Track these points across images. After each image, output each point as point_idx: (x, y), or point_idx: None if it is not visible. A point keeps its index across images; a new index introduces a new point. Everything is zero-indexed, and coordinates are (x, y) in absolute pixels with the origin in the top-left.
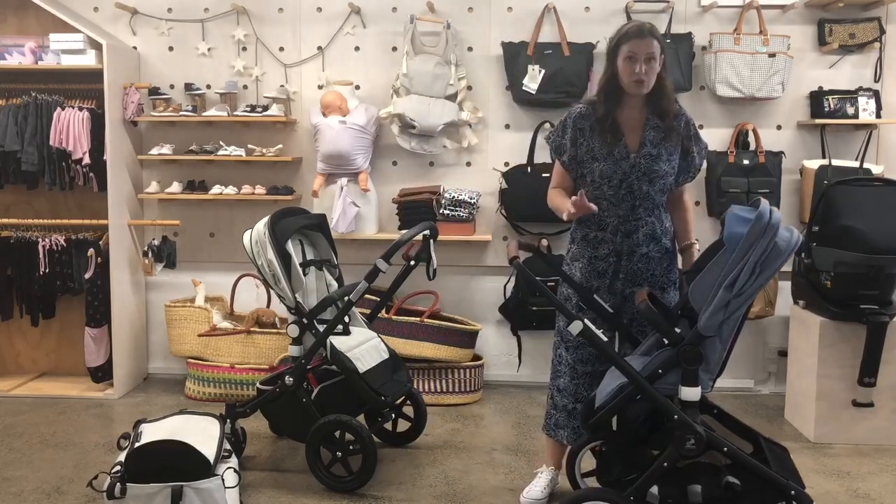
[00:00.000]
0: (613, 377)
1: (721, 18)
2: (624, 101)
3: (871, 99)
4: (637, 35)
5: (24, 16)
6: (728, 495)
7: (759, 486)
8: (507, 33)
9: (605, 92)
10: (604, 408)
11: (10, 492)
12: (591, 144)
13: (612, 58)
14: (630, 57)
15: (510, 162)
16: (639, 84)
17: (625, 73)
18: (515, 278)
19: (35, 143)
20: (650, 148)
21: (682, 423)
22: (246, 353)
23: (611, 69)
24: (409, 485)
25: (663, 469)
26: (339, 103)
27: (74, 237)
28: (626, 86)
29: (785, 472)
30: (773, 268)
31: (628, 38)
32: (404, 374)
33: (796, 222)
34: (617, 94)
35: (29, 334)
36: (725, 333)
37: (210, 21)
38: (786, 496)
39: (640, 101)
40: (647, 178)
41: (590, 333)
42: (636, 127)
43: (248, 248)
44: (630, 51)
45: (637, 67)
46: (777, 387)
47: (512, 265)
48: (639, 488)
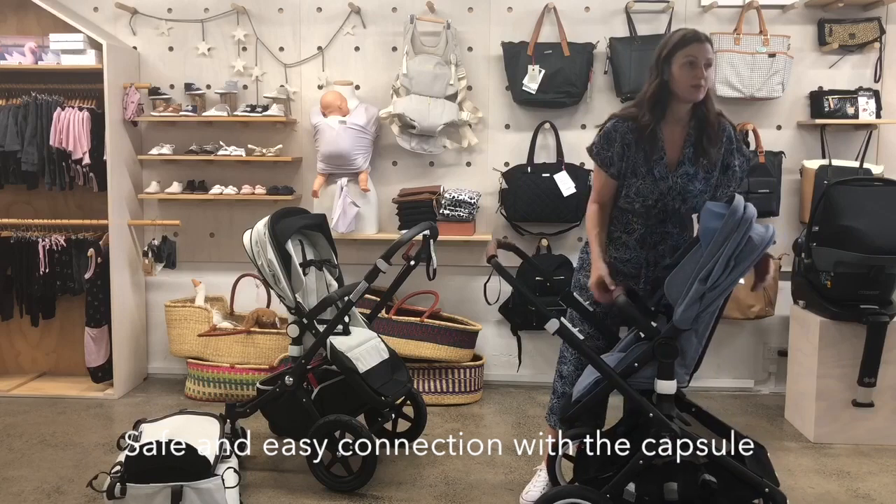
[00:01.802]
0: (591, 371)
1: (721, 18)
2: (669, 112)
3: (871, 99)
4: (696, 40)
5: (24, 16)
6: (704, 493)
7: (735, 484)
8: (507, 33)
9: (652, 101)
10: (580, 401)
11: (10, 492)
12: (635, 160)
13: (663, 65)
14: (690, 62)
15: (510, 162)
16: (696, 89)
17: (683, 79)
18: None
19: (35, 143)
20: (688, 166)
21: (658, 420)
22: (246, 353)
23: (660, 77)
24: (409, 485)
25: (640, 467)
26: (339, 103)
27: (74, 237)
28: (681, 92)
29: (760, 469)
30: (747, 262)
31: (687, 42)
32: (404, 374)
33: (796, 222)
34: (664, 104)
35: (29, 334)
36: (701, 328)
37: (210, 21)
38: (760, 493)
39: (685, 114)
40: (682, 197)
41: (566, 331)
42: (676, 142)
43: (248, 248)
44: (691, 55)
45: (698, 72)
46: (777, 387)
47: (490, 264)
48: (615, 486)
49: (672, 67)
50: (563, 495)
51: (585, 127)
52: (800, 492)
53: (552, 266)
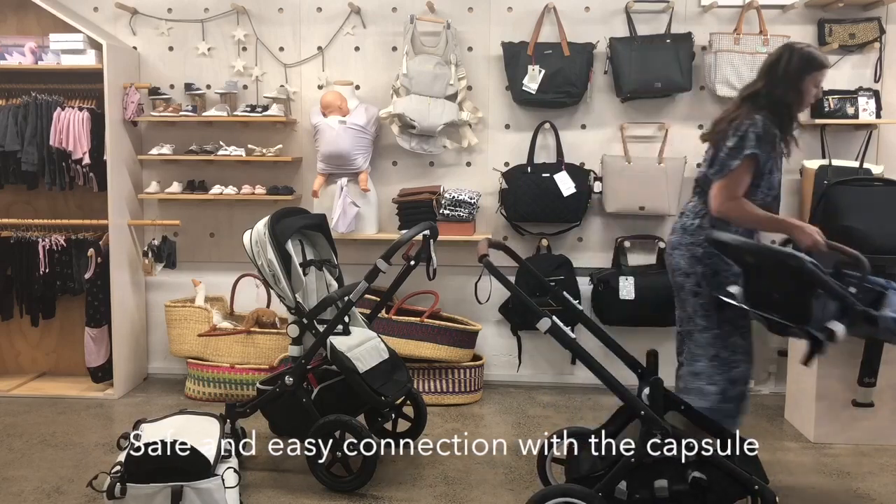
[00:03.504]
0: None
1: (721, 18)
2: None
3: (871, 99)
4: (826, 66)
5: (24, 16)
6: (694, 490)
7: (724, 481)
8: (507, 33)
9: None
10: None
11: (10, 492)
12: (775, 157)
13: (797, 77)
14: (818, 82)
15: (510, 162)
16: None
17: (809, 96)
18: (514, 278)
19: (35, 143)
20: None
21: (649, 418)
22: (246, 353)
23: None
24: (409, 485)
25: (631, 465)
26: (339, 103)
27: (74, 237)
28: (802, 105)
29: (750, 467)
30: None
31: (822, 66)
32: (404, 374)
33: None
34: (799, 105)
35: (29, 334)
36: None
37: (210, 21)
38: (750, 491)
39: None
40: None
41: (557, 330)
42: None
43: (248, 248)
44: (821, 79)
45: (818, 92)
46: (777, 387)
47: (482, 263)
48: (607, 484)
49: (806, 83)
50: (555, 494)
51: (585, 127)
52: (800, 492)
53: (552, 266)
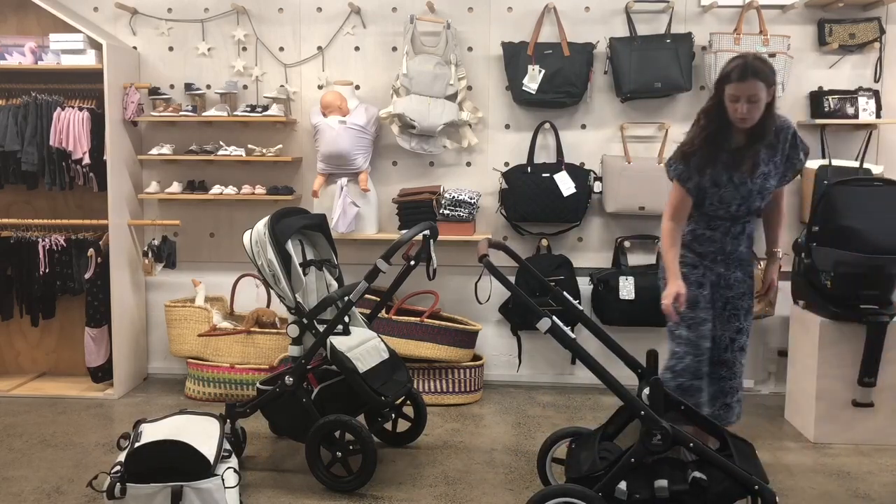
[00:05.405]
0: None
1: (721, 18)
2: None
3: (871, 99)
4: (739, 79)
5: (24, 16)
6: (694, 490)
7: (724, 482)
8: (507, 33)
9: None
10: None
11: (10, 492)
12: (716, 171)
13: (717, 89)
14: (733, 98)
15: (510, 162)
16: (742, 121)
17: (729, 110)
18: (514, 278)
19: (35, 143)
20: (763, 167)
21: (649, 418)
22: (246, 353)
23: (718, 98)
24: (409, 485)
25: (631, 465)
26: (339, 103)
27: (74, 237)
28: (731, 119)
29: (750, 467)
30: None
31: (730, 80)
32: (404, 374)
33: (796, 222)
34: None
35: (29, 334)
36: None
37: (210, 21)
38: (750, 491)
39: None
40: (761, 196)
41: (557, 330)
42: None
43: (248, 248)
44: (733, 93)
45: (739, 108)
46: (777, 387)
47: (482, 263)
48: (607, 484)
49: (724, 95)
50: (555, 494)
51: (585, 127)
52: (800, 492)
53: (552, 266)
